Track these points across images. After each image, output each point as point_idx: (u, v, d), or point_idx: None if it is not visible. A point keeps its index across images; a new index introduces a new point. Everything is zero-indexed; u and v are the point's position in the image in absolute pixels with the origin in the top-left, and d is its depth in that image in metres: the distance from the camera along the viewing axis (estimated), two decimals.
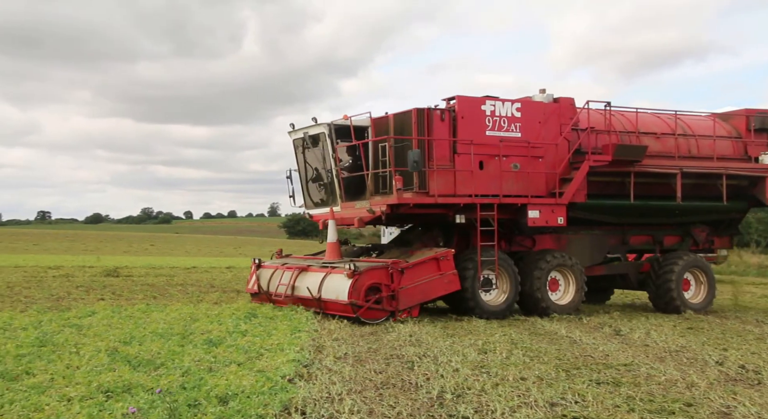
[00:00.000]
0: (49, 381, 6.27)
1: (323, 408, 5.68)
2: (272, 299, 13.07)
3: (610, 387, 6.91)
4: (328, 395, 6.16)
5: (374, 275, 11.59)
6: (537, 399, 6.21)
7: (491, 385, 6.76)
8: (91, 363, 7.11)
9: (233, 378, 6.46)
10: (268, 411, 5.45)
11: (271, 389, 6.12)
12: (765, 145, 15.68)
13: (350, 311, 11.31)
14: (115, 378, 6.33)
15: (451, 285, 12.23)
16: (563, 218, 13.19)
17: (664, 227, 15.39)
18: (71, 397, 5.69)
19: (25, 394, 5.78)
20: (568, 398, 6.34)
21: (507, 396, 6.34)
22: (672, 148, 14.51)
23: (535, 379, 7.12)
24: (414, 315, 11.84)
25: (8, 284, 18.19)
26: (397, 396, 6.33)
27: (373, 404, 5.99)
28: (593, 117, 13.92)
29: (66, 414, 5.19)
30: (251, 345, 8.53)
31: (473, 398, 6.27)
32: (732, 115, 15.96)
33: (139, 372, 6.73)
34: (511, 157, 12.94)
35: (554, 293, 13.49)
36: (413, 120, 12.31)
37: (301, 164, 14.22)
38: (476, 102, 12.75)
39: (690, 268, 14.75)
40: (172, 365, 7.13)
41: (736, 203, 15.48)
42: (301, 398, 5.91)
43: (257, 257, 14.40)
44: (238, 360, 7.53)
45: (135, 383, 6.19)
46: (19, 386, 6.08)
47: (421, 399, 6.25)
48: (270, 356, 7.80)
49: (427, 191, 12.25)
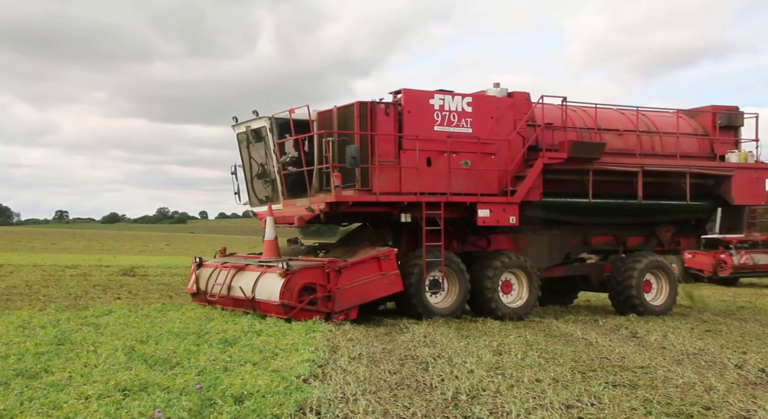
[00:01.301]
0: (68, 379, 6.34)
1: (338, 409, 5.70)
2: (207, 299, 12.58)
3: (626, 389, 6.86)
4: (343, 395, 6.17)
5: (308, 274, 11.06)
6: (552, 401, 6.18)
7: (506, 387, 6.74)
8: (109, 362, 7.18)
9: (248, 378, 6.50)
10: (283, 410, 5.48)
11: (286, 389, 6.15)
12: (732, 143, 15.17)
13: (282, 312, 10.81)
14: (132, 377, 6.39)
15: (392, 286, 11.62)
16: (516, 218, 12.70)
17: (627, 227, 14.90)
18: (89, 395, 5.75)
19: (44, 392, 5.85)
20: (583, 400, 6.31)
21: (522, 397, 6.32)
22: (634, 145, 14.05)
23: (550, 381, 7.09)
24: (352, 317, 11.21)
25: (27, 282, 18.42)
26: (411, 396, 6.33)
27: (388, 405, 5.99)
28: (551, 113, 13.42)
29: (84, 412, 5.24)
30: (266, 344, 8.57)
31: (488, 399, 6.26)
32: (699, 111, 15.44)
33: (156, 371, 6.79)
34: (462, 153, 12.39)
35: (507, 295, 12.95)
36: (355, 114, 11.78)
37: (245, 160, 13.64)
38: (424, 96, 12.23)
39: (651, 269, 14.27)
40: (188, 364, 7.18)
41: (702, 203, 14.96)
42: (316, 398, 5.93)
43: (198, 256, 13.77)
44: (253, 359, 7.57)
45: (151, 382, 6.25)
46: (38, 384, 6.15)
47: (435, 400, 6.25)
48: (285, 356, 7.83)
49: (370, 189, 11.78)
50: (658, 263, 14.39)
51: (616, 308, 14.40)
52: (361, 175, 11.78)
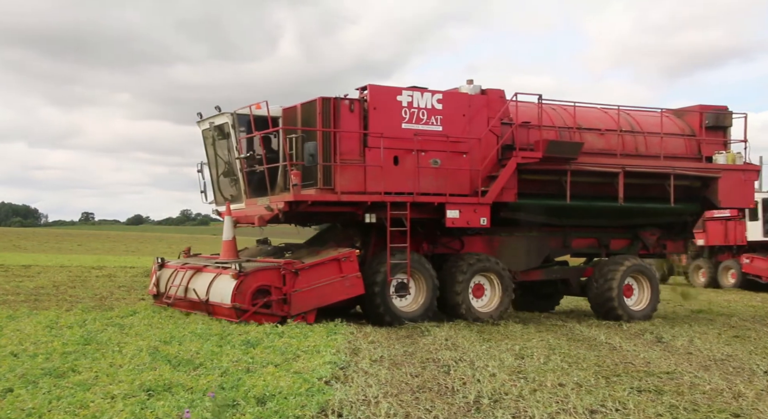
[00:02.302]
0: (94, 379, 6.44)
1: (359, 411, 5.71)
2: (164, 301, 12.30)
3: (652, 395, 6.77)
4: (365, 397, 6.19)
5: (262, 276, 10.66)
6: (576, 406, 6.13)
7: (529, 391, 6.70)
8: (133, 362, 7.27)
9: (271, 379, 6.53)
10: (305, 412, 5.51)
11: (308, 390, 6.18)
12: (721, 144, 14.66)
13: (234, 315, 10.44)
14: (156, 377, 6.46)
15: (353, 289, 11.22)
16: (487, 219, 12.26)
17: (609, 229, 14.39)
18: (115, 395, 5.83)
19: (71, 391, 5.95)
20: (608, 405, 6.25)
21: (545, 402, 6.27)
22: (616, 145, 13.57)
23: (573, 385, 7.03)
24: (309, 321, 10.76)
25: (54, 283, 18.73)
26: (433, 400, 6.32)
27: (410, 407, 5.99)
28: (529, 111, 13.00)
29: (110, 411, 5.32)
30: (288, 346, 8.61)
31: (510, 403, 6.23)
32: (686, 111, 14.95)
33: (179, 372, 6.86)
34: (431, 152, 11.96)
35: (479, 299, 12.52)
36: (318, 110, 11.41)
37: (211, 157, 13.26)
38: (391, 92, 11.86)
39: (632, 273, 13.77)
40: (211, 365, 7.24)
41: (687, 205, 14.46)
42: (338, 400, 5.95)
43: (160, 257, 13.44)
44: (275, 361, 7.62)
45: (175, 382, 6.31)
46: (66, 383, 6.25)
47: (457, 403, 6.23)
48: (306, 357, 7.87)
49: (332, 188, 11.40)
50: (640, 267, 13.87)
51: (596, 313, 13.90)
52: (323, 173, 11.39)
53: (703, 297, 20.03)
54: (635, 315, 13.52)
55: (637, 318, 13.43)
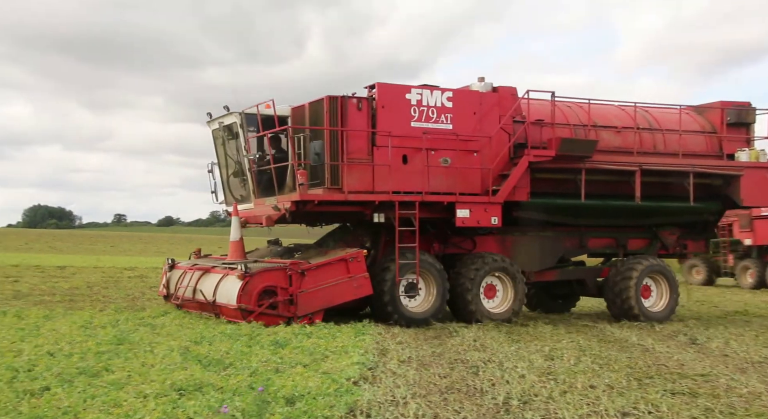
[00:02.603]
0: (127, 378, 6.54)
1: (388, 412, 5.71)
2: (173, 302, 12.29)
3: (686, 397, 6.66)
4: (393, 398, 6.19)
5: (268, 277, 10.57)
6: (607, 408, 6.05)
7: (559, 392, 6.64)
8: (165, 362, 7.36)
9: (299, 380, 6.57)
10: (334, 412, 5.52)
11: (337, 391, 6.20)
12: (743, 141, 14.23)
13: (240, 316, 10.37)
14: (187, 377, 6.53)
15: (361, 290, 11.08)
16: (498, 218, 12.06)
17: (627, 229, 14.06)
18: (147, 394, 5.91)
19: (105, 390, 6.05)
20: (640, 408, 6.15)
21: (576, 404, 6.21)
22: (633, 143, 13.26)
23: (605, 387, 6.95)
24: (316, 321, 10.67)
25: (88, 284, 19.12)
26: (462, 401, 6.30)
27: (438, 408, 5.98)
28: (543, 109, 12.77)
29: (142, 410, 5.40)
30: (316, 346, 8.66)
31: (540, 405, 6.17)
32: (707, 108, 14.54)
33: (210, 372, 6.93)
34: (441, 151, 11.78)
35: (491, 299, 12.30)
36: (325, 109, 11.29)
37: (221, 157, 13.21)
38: (400, 90, 11.69)
39: (650, 273, 13.45)
40: (240, 365, 7.31)
41: (708, 204, 14.05)
42: (366, 401, 5.96)
43: (171, 258, 13.46)
44: (303, 361, 7.66)
45: (206, 382, 6.38)
46: (100, 382, 6.36)
47: (486, 404, 6.19)
48: (335, 358, 7.90)
49: (339, 188, 11.27)
50: (658, 268, 13.55)
51: (613, 314, 13.60)
52: (330, 173, 11.28)
53: (737, 298, 19.61)
54: (653, 316, 13.21)
55: (655, 319, 13.10)
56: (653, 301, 13.60)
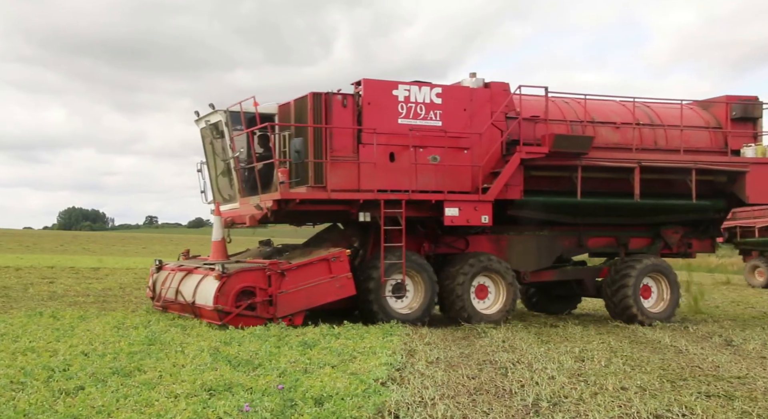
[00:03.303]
0: (158, 378, 6.64)
1: (416, 413, 5.71)
2: (156, 304, 12.20)
3: (721, 400, 6.52)
4: (421, 399, 6.18)
5: (246, 277, 10.34)
6: (640, 411, 5.97)
7: (589, 394, 6.56)
8: (195, 362, 7.46)
9: (328, 380, 6.60)
10: (362, 413, 5.54)
11: (365, 392, 6.21)
12: (750, 136, 13.72)
13: (217, 318, 10.14)
14: (217, 377, 6.61)
15: (343, 290, 10.86)
16: (489, 217, 11.73)
17: (628, 227, 13.67)
18: (178, 394, 5.99)
19: (137, 390, 6.15)
20: (674, 410, 6.04)
21: (607, 406, 6.13)
22: (632, 139, 12.86)
23: (637, 389, 6.85)
24: (297, 323, 10.44)
25: (120, 285, 19.47)
26: (490, 402, 6.27)
27: (467, 410, 5.95)
28: (538, 105, 12.41)
29: (173, 410, 5.48)
30: (344, 347, 8.68)
31: (570, 407, 6.11)
32: (712, 103, 14.06)
33: (239, 372, 7.00)
34: (430, 148, 11.50)
35: (482, 300, 12.02)
36: (309, 106, 11.08)
37: (209, 156, 13.03)
38: (387, 86, 11.40)
39: (650, 273, 13.04)
40: (269, 365, 7.37)
41: (712, 202, 13.62)
42: (394, 401, 5.96)
43: (158, 259, 13.23)
44: (332, 362, 7.69)
45: (235, 382, 6.44)
46: (132, 382, 6.47)
47: (515, 406, 6.15)
48: (363, 359, 7.92)
49: (324, 186, 11.03)
50: (658, 267, 13.15)
51: (612, 315, 13.29)
52: (314, 171, 11.07)
53: None
54: (653, 317, 12.84)
55: (658, 320, 12.76)
56: (654, 301, 13.22)
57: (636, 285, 12.83)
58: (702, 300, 15.80)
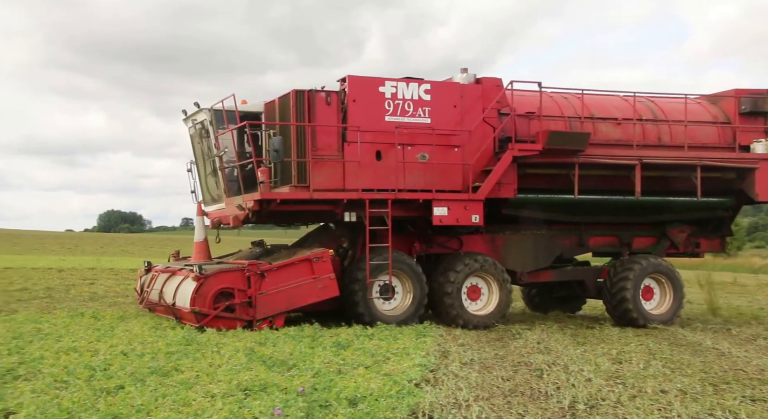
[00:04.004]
0: (195, 378, 6.73)
1: (450, 414, 5.68)
2: (142, 305, 12.06)
3: (767, 404, 6.36)
4: (455, 401, 6.15)
5: (224, 279, 10.10)
6: (680, 414, 5.85)
7: (628, 397, 6.45)
8: (231, 362, 7.53)
9: (361, 381, 6.61)
10: (396, 414, 5.53)
11: (399, 393, 6.20)
12: (761, 131, 13.14)
13: (194, 320, 9.95)
14: (252, 377, 6.67)
15: (326, 291, 10.58)
16: (479, 216, 11.38)
17: (631, 226, 13.26)
18: (214, 394, 6.06)
19: (175, 389, 6.24)
20: (716, 414, 5.92)
21: (646, 409, 6.02)
22: (635, 135, 12.47)
23: (677, 392, 6.71)
24: (278, 325, 10.25)
25: None
26: (526, 404, 6.20)
27: (501, 412, 5.90)
28: (535, 101, 12.05)
29: (210, 409, 5.55)
30: (378, 348, 8.69)
31: (608, 410, 6.02)
32: (721, 97, 13.52)
33: (274, 372, 7.05)
34: (418, 146, 11.19)
35: (475, 302, 11.71)
36: (291, 104, 10.80)
37: (198, 156, 12.77)
38: (373, 83, 11.09)
39: (651, 274, 12.59)
40: (303, 366, 7.41)
41: (719, 200, 13.08)
42: (428, 403, 5.94)
43: (147, 260, 12.99)
44: (365, 363, 7.70)
45: (270, 382, 6.50)
46: (170, 381, 6.57)
47: (551, 408, 6.08)
48: (396, 360, 7.91)
49: (307, 185, 10.75)
50: (659, 268, 12.69)
51: (611, 317, 12.93)
52: (297, 170, 10.78)
53: None
54: (654, 319, 12.43)
55: (659, 322, 12.37)
56: (656, 303, 12.78)
57: (636, 287, 12.43)
58: (715, 301, 15.34)
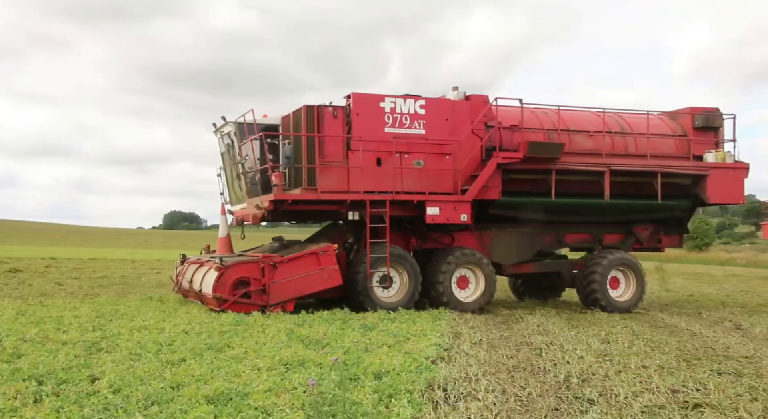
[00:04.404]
0: (244, 354, 6.76)
1: (462, 386, 5.64)
2: (177, 292, 12.19)
3: (731, 377, 6.24)
4: (466, 375, 6.10)
5: (242, 269, 10.22)
6: (659, 386, 5.75)
7: (614, 372, 6.36)
8: (274, 341, 7.56)
9: (385, 358, 6.58)
10: (415, 386, 5.50)
11: (417, 368, 6.17)
12: (713, 144, 13.11)
13: (216, 304, 10.04)
14: (291, 354, 6.68)
15: (330, 280, 10.63)
16: (467, 216, 11.32)
17: (603, 225, 13.06)
18: (260, 367, 6.09)
19: (227, 363, 6.28)
20: (689, 386, 5.81)
21: (630, 382, 5.93)
22: (605, 146, 12.40)
23: (656, 368, 6.60)
24: (288, 310, 10.24)
25: None
26: (527, 378, 6.14)
27: (506, 384, 5.85)
28: (517, 115, 11.99)
29: (257, 380, 5.56)
30: (399, 330, 8.65)
31: (597, 383, 5.93)
32: (679, 114, 13.49)
33: (310, 350, 7.05)
34: (414, 154, 11.20)
35: (464, 290, 11.61)
36: (302, 117, 10.94)
37: (226, 163, 12.89)
38: (374, 99, 11.18)
39: (617, 266, 12.51)
40: (335, 344, 7.40)
41: (677, 202, 12.96)
42: (443, 377, 5.90)
43: (182, 253, 12.96)
44: (388, 342, 7.67)
45: (307, 358, 6.51)
46: (223, 356, 6.61)
47: (549, 381, 6.01)
48: (415, 340, 7.87)
49: (316, 188, 10.76)
50: (625, 261, 12.60)
51: (583, 302, 12.77)
52: (307, 175, 10.86)
53: None
54: (618, 305, 12.32)
55: (623, 308, 12.27)
56: (621, 292, 12.65)
57: (603, 277, 12.36)
58: (666, 284, 15.71)
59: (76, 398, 4.87)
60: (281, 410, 4.72)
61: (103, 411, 4.61)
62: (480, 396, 5.38)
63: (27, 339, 7.30)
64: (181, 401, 4.88)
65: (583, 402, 5.32)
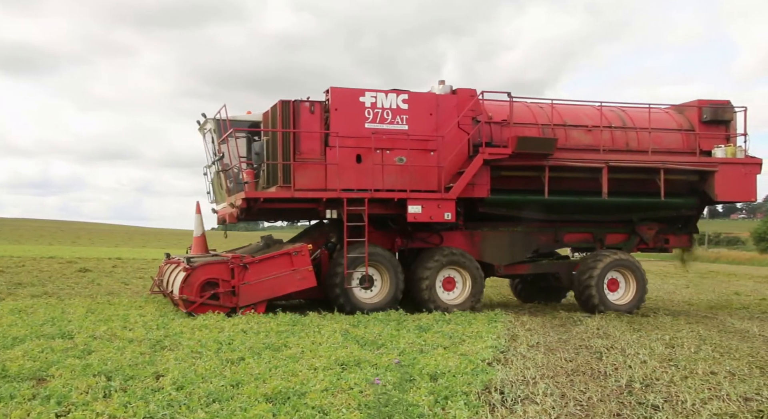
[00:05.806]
0: (300, 353, 6.91)
1: (519, 390, 5.59)
2: (153, 291, 12.16)
3: None
4: (524, 378, 6.05)
5: (210, 270, 9.97)
6: (729, 393, 5.51)
7: (680, 377, 6.14)
8: (330, 341, 7.70)
9: (441, 359, 6.60)
10: (472, 389, 5.50)
11: (473, 370, 6.16)
12: (722, 138, 12.21)
13: (183, 306, 9.87)
14: (347, 354, 6.79)
15: (304, 282, 10.34)
16: (451, 214, 10.86)
17: (604, 224, 12.46)
18: (317, 367, 6.22)
19: (285, 362, 6.45)
20: (763, 394, 5.54)
21: (697, 388, 5.71)
22: (604, 141, 11.74)
23: (726, 374, 6.33)
24: (259, 312, 10.01)
25: None
26: (587, 382, 6.02)
27: (565, 388, 5.75)
28: (507, 109, 11.48)
29: (313, 380, 5.69)
30: (454, 331, 8.64)
31: (662, 388, 5.75)
32: (686, 107, 12.61)
33: (366, 350, 7.15)
34: (396, 150, 10.77)
35: (449, 292, 11.20)
36: (278, 113, 10.61)
37: (209, 160, 12.68)
38: (354, 94, 10.74)
39: (616, 267, 11.87)
40: (390, 345, 7.47)
41: (683, 200, 12.16)
42: (500, 380, 5.87)
43: (167, 252, 12.70)
44: (444, 344, 7.68)
45: (362, 359, 6.60)
46: (281, 355, 6.79)
47: (610, 386, 5.87)
48: (471, 342, 7.85)
49: (291, 185, 10.43)
50: (624, 262, 11.94)
51: (579, 305, 12.22)
52: (282, 172, 10.55)
53: None
54: (617, 308, 11.76)
55: (621, 311, 11.68)
56: (620, 294, 12.09)
57: (600, 279, 11.81)
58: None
59: (142, 394, 5.11)
60: (338, 410, 4.82)
61: (167, 407, 4.82)
62: (538, 399, 5.33)
63: (96, 336, 7.73)
64: (240, 399, 5.04)
65: (647, 408, 5.18)
